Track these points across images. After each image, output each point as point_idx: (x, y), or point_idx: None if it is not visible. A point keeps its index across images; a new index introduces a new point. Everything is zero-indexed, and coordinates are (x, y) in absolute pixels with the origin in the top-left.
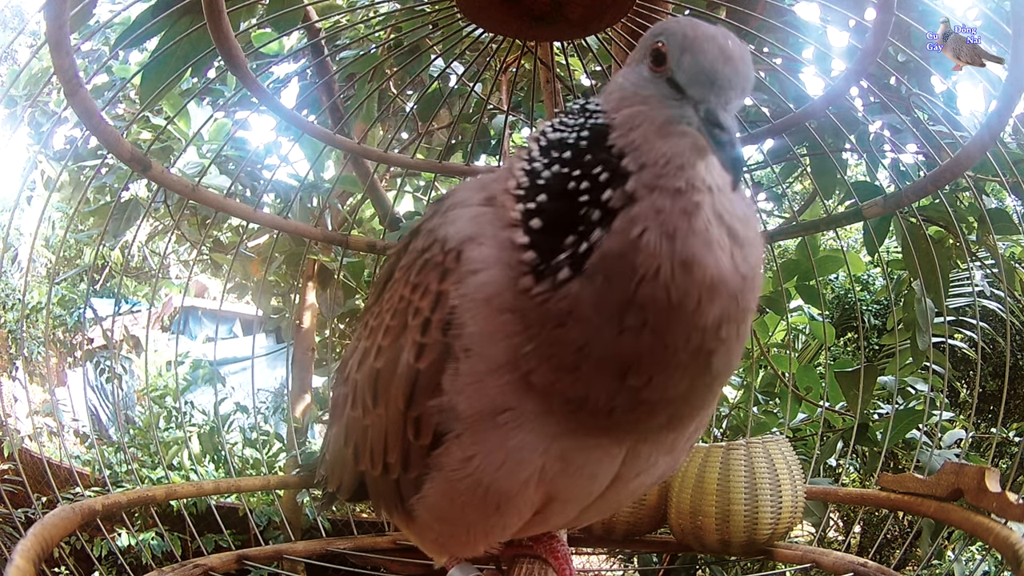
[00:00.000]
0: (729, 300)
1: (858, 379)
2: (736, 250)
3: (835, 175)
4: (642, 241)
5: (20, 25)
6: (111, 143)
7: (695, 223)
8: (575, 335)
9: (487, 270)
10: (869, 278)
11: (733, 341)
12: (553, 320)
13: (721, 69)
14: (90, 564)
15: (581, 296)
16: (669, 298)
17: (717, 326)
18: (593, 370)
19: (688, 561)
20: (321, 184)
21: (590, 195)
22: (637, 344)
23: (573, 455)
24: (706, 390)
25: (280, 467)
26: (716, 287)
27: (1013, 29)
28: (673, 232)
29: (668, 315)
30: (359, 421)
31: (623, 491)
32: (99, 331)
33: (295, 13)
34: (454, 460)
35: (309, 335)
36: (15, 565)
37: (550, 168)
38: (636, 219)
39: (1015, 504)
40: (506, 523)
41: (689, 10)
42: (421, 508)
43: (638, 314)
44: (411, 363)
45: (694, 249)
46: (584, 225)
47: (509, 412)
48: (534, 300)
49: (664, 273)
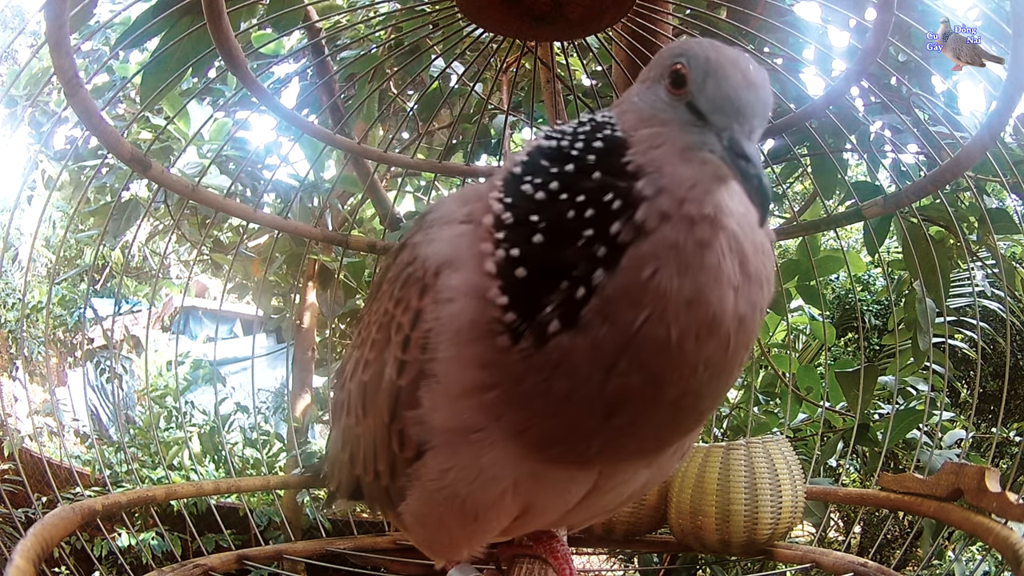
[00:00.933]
0: (724, 337)
1: (859, 379)
2: (744, 285)
3: (835, 175)
4: (653, 282)
5: (20, 25)
6: (111, 143)
7: (708, 257)
8: (559, 386)
9: (459, 300)
10: (870, 278)
11: (724, 376)
12: (533, 376)
13: (745, 96)
14: (90, 564)
15: (572, 349)
16: (669, 338)
17: (710, 363)
18: (575, 415)
19: (689, 561)
20: (321, 184)
21: (596, 227)
22: (626, 386)
23: (545, 474)
24: (693, 423)
25: (280, 467)
26: (717, 323)
27: (1013, 29)
28: (686, 269)
29: (665, 356)
30: (353, 428)
31: (601, 501)
32: (99, 331)
33: (295, 13)
34: (432, 472)
35: (309, 335)
36: (15, 565)
37: (545, 188)
38: (648, 257)
39: (1015, 504)
40: (486, 529)
41: (690, 10)
42: (407, 514)
43: (634, 357)
44: (393, 379)
45: (702, 284)
46: (584, 265)
47: (480, 432)
48: (511, 357)
49: (669, 313)
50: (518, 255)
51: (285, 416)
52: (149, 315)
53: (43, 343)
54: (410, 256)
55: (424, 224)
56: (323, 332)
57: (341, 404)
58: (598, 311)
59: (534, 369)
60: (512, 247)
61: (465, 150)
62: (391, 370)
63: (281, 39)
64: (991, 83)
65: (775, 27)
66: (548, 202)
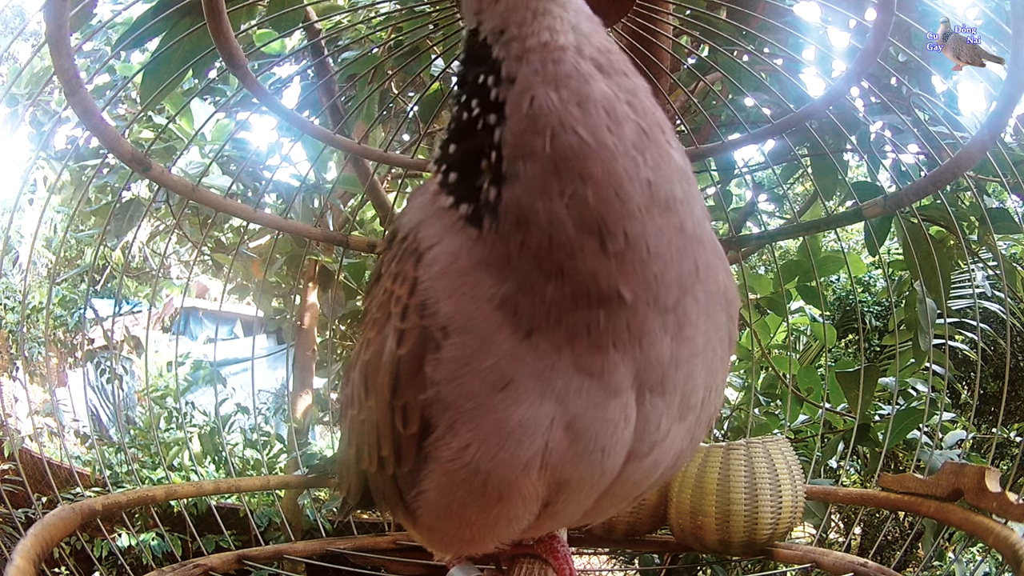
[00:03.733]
0: (626, 119)
1: (859, 380)
2: (610, 79)
3: (836, 175)
4: (535, 107)
5: (21, 25)
6: (111, 143)
7: (563, 67)
8: (537, 238)
9: (439, 243)
10: (870, 279)
11: (667, 159)
12: (513, 242)
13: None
14: (90, 565)
15: (518, 197)
16: (581, 139)
17: (638, 144)
18: (571, 259)
19: (690, 561)
20: (322, 184)
21: (481, 105)
22: (585, 198)
23: (580, 420)
24: (694, 248)
25: (281, 468)
26: (613, 112)
27: (1013, 29)
28: (555, 81)
29: (589, 153)
30: (356, 418)
31: (638, 472)
32: (100, 331)
33: (295, 14)
34: (451, 450)
35: (310, 336)
36: (15, 565)
37: (454, 111)
38: (521, 92)
39: (1015, 504)
40: (511, 515)
41: (690, 10)
42: (421, 504)
43: (568, 171)
44: (393, 350)
45: (576, 85)
46: (486, 137)
47: (503, 389)
48: (487, 243)
49: (566, 120)
50: (446, 167)
51: (286, 417)
52: (149, 316)
53: (43, 343)
54: (398, 232)
55: (409, 202)
56: (324, 333)
57: (347, 398)
58: (512, 156)
59: (510, 239)
60: (443, 166)
61: None
62: (391, 342)
63: (283, 39)
64: (991, 83)
65: (775, 27)
66: (453, 120)
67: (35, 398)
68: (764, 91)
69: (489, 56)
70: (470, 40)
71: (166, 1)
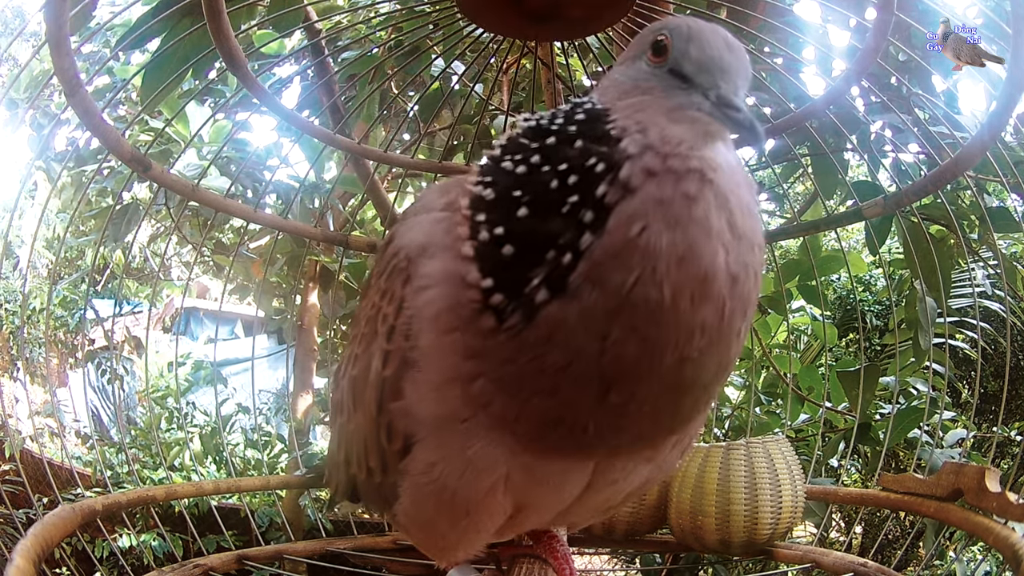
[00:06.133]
0: (718, 297)
1: (860, 379)
2: (734, 243)
3: (836, 175)
4: (641, 240)
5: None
6: (111, 143)
7: (695, 210)
8: (553, 359)
9: (435, 287)
10: (871, 279)
11: (723, 346)
12: (525, 353)
13: (728, 58)
14: (91, 565)
15: (563, 318)
16: (662, 298)
17: (706, 328)
18: (570, 392)
19: (691, 561)
20: (322, 185)
21: (580, 192)
22: (622, 356)
23: (538, 467)
24: (691, 407)
25: (282, 468)
26: (710, 280)
27: (1013, 29)
28: (675, 224)
29: (660, 317)
30: (346, 426)
31: (597, 498)
32: (100, 332)
33: (295, 14)
34: (420, 465)
35: (310, 336)
36: (15, 565)
37: (526, 162)
38: (635, 215)
39: (1015, 504)
40: (479, 527)
41: (690, 10)
42: (400, 512)
43: (627, 321)
44: (379, 370)
45: (692, 238)
46: (570, 232)
47: (467, 422)
48: (497, 339)
49: (660, 270)
50: (503, 232)
51: (286, 417)
52: (150, 316)
53: (44, 344)
54: (394, 248)
55: (407, 215)
56: (324, 333)
57: (337, 404)
58: (587, 275)
59: (526, 346)
60: (496, 225)
61: (466, 151)
62: (377, 361)
63: (282, 39)
64: (991, 83)
65: (775, 27)
66: (530, 174)
67: (36, 399)
68: (764, 91)
69: (608, 138)
70: (591, 111)
71: (166, 1)
